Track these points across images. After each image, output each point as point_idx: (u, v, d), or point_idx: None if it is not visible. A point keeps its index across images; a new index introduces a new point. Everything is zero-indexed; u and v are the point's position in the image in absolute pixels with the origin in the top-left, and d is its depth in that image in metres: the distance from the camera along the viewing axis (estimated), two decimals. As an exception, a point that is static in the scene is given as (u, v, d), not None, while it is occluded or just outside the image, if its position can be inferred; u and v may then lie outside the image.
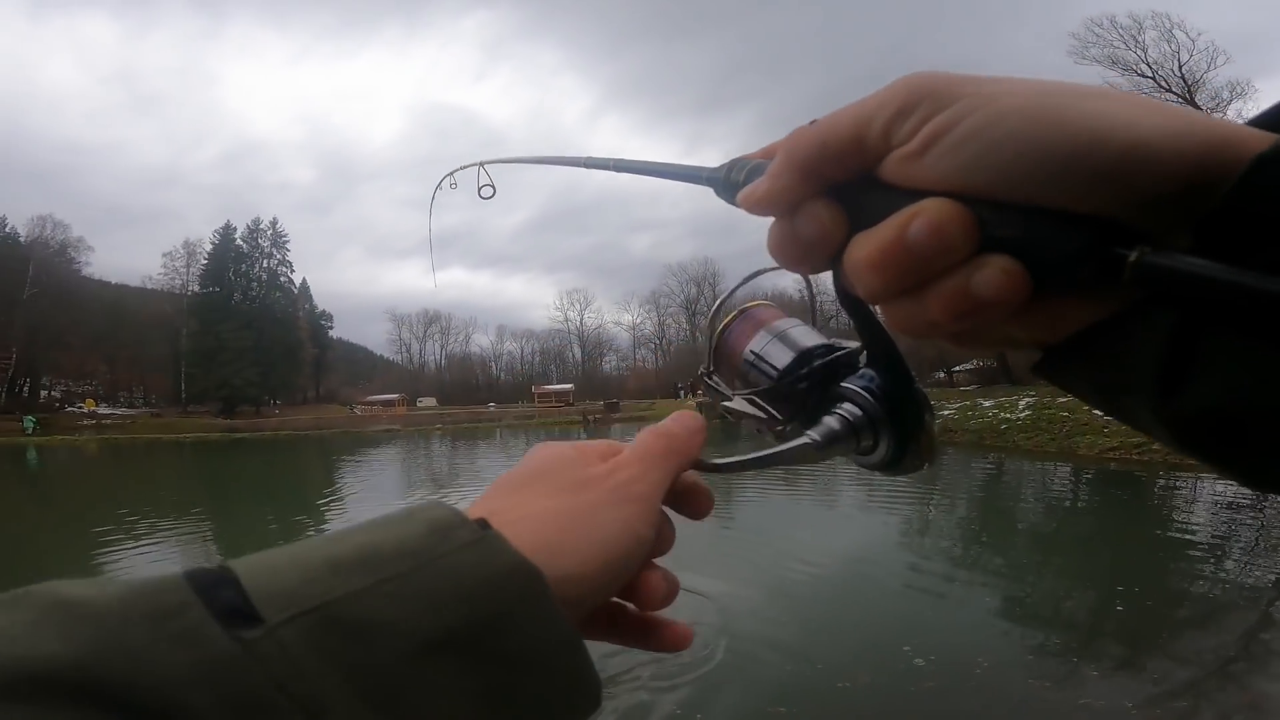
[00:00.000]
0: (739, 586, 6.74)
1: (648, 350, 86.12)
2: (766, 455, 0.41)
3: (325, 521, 12.79)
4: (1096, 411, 0.33)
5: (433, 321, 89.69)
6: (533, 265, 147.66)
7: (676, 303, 79.47)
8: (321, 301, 78.82)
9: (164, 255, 60.18)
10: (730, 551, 8.49)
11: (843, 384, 0.40)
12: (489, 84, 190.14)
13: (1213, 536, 7.90)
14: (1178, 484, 11.25)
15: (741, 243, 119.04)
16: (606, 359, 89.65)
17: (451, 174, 1.45)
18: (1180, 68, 25.24)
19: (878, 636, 5.23)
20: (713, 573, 7.28)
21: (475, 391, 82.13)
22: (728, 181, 0.37)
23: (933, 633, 5.15)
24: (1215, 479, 10.98)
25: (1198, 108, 25.82)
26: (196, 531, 11.54)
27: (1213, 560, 6.93)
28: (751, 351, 0.46)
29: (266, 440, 42.34)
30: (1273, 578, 6.12)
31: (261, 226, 60.82)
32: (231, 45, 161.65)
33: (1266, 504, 9.11)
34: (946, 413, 23.08)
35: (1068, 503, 11.66)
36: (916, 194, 0.27)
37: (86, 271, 57.72)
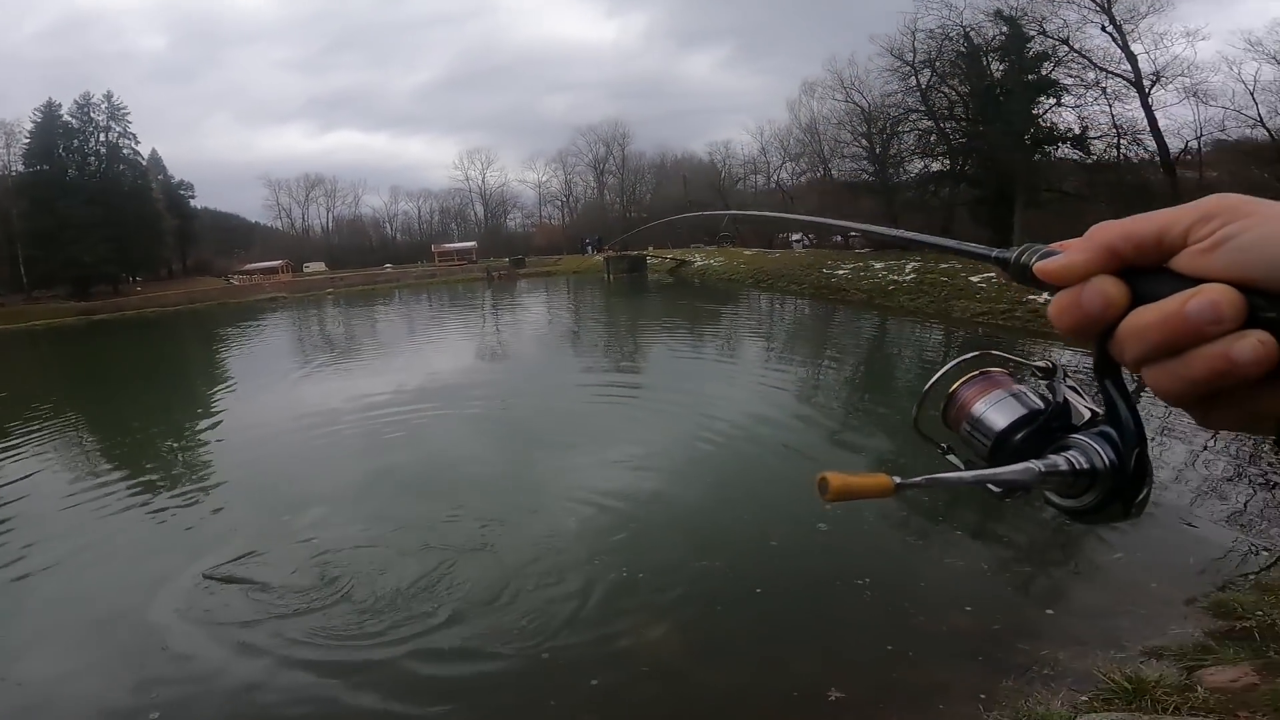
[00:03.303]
0: (662, 450, 7.31)
1: (554, 207, 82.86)
2: (986, 474, 0.45)
3: (217, 397, 12.23)
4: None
5: (315, 185, 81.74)
6: (436, 126, 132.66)
7: (584, 162, 75.83)
8: (183, 172, 69.97)
9: (-26, 140, 50.69)
10: (648, 416, 8.97)
11: (1074, 435, 0.45)
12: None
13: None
14: (1034, 350, 12.62)
15: (665, 106, 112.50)
16: (511, 216, 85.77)
17: (689, 215, 1.36)
18: (1101, -22, 24.92)
19: (782, 494, 5.90)
20: (636, 438, 7.73)
21: (369, 254, 77.46)
22: (1018, 262, 0.42)
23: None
24: (1068, 348, 12.38)
25: (1114, 19, 25.32)
26: (84, 424, 10.83)
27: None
28: (981, 405, 0.51)
29: (131, 320, 39.16)
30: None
31: (94, 100, 52.90)
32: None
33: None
34: (841, 272, 24.22)
35: (939, 364, 12.81)
36: (1198, 281, 0.34)
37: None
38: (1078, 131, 28.85)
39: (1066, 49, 27.78)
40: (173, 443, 9.22)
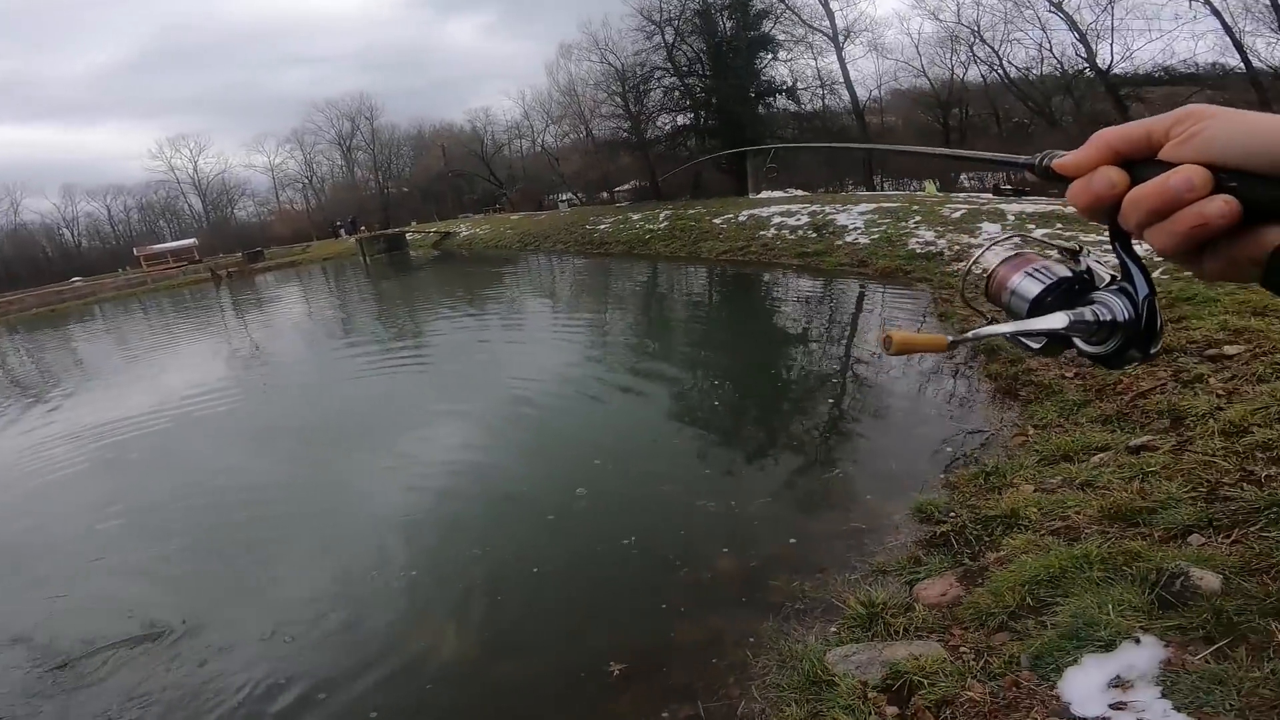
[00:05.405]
0: (427, 433, 6.63)
1: (295, 191, 72.94)
2: (1023, 326, 0.57)
3: None
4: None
5: (-59, 197, 62.53)
6: (126, 112, 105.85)
7: (327, 139, 67.16)
8: None
9: None
10: (443, 390, 8.18)
11: (1095, 293, 0.57)
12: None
13: (799, 326, 9.92)
14: (775, 280, 13.93)
15: (424, 76, 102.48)
16: (241, 206, 73.73)
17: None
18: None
19: (551, 462, 5.58)
20: (392, 426, 6.92)
21: (48, 267, 62.35)
22: (1041, 165, 0.55)
23: (621, 449, 5.58)
24: (797, 275, 13.83)
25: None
26: None
27: (800, 349, 8.72)
28: (1018, 277, 0.61)
29: None
30: (838, 364, 7.83)
31: None
32: None
33: (831, 295, 11.65)
34: (603, 227, 24.76)
35: (699, 300, 13.73)
36: (1177, 165, 0.47)
37: None
38: (790, 84, 32.31)
39: (783, 6, 30.63)
40: None
